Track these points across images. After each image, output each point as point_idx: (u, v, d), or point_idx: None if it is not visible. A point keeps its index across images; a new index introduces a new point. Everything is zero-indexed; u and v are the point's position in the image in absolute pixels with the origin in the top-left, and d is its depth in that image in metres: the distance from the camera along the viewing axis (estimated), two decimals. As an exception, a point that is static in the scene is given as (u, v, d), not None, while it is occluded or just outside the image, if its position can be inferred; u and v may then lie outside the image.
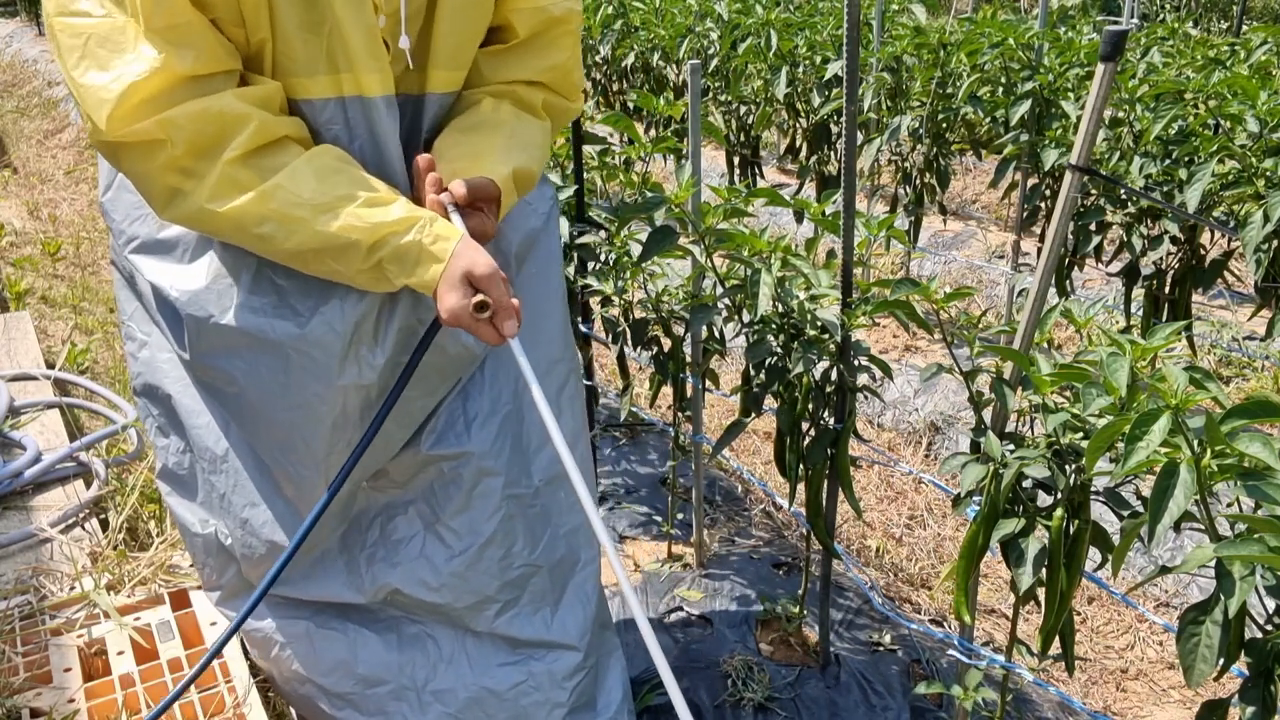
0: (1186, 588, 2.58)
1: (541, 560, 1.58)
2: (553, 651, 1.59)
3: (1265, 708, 1.10)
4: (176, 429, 1.55)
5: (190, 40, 1.14)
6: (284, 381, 1.36)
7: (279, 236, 1.19)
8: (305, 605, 1.61)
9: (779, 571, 2.41)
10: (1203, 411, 1.10)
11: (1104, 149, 2.88)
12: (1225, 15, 8.85)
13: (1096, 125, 1.35)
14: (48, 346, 3.64)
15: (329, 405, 1.37)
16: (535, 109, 1.46)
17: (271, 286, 1.35)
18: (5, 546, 2.11)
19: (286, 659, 1.62)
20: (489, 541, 1.52)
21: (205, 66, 1.16)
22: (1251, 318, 3.00)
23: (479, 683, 1.56)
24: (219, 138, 1.16)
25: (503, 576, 1.54)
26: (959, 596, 1.55)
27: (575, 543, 1.64)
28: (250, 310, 1.34)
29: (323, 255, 1.21)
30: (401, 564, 1.53)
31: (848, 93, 1.58)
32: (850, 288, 1.72)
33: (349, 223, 1.19)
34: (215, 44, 1.18)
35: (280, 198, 1.18)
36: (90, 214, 6.10)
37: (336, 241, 1.19)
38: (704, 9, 4.61)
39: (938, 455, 3.28)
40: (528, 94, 1.44)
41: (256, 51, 1.23)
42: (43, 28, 14.59)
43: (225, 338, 1.36)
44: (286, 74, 1.25)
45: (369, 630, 1.59)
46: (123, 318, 1.57)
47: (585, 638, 1.61)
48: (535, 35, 1.42)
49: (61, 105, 9.17)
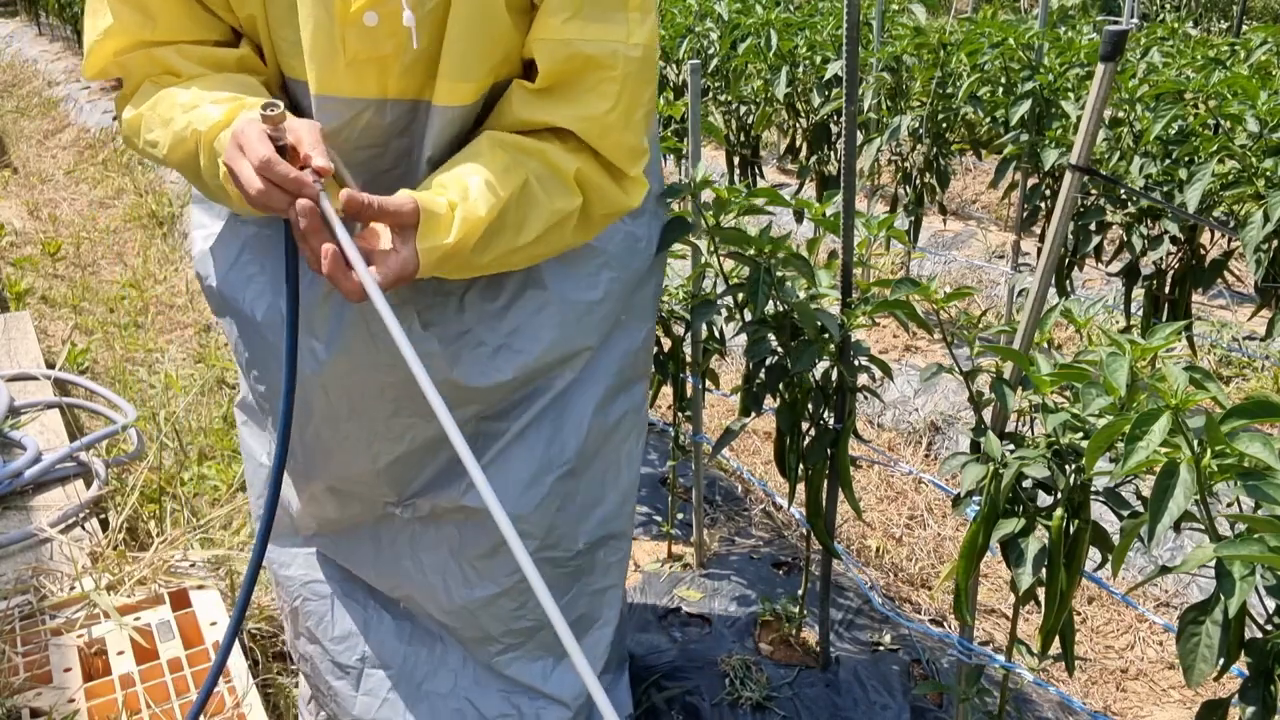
0: (1186, 588, 2.58)
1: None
2: (544, 699, 1.57)
3: (1265, 708, 1.10)
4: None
5: (153, 8, 1.19)
6: (252, 356, 1.42)
7: (158, 144, 1.20)
8: (338, 570, 1.62)
9: (779, 571, 2.41)
10: (1203, 411, 1.10)
11: (1104, 149, 2.88)
12: (1225, 15, 8.85)
13: (1096, 125, 1.35)
14: (48, 346, 3.64)
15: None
16: (563, 175, 1.20)
17: (248, 264, 1.38)
18: (5, 546, 2.11)
19: (305, 614, 1.63)
20: (505, 592, 1.49)
21: (165, 35, 1.21)
22: (1251, 318, 3.00)
23: (469, 696, 1.56)
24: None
25: (511, 624, 1.52)
26: (959, 596, 1.55)
27: (599, 602, 1.60)
28: (228, 283, 1.40)
29: (188, 164, 1.17)
30: (420, 578, 1.52)
31: (848, 93, 1.58)
32: (850, 288, 1.72)
33: (190, 118, 1.15)
34: (182, 15, 1.20)
35: (162, 103, 1.19)
36: (90, 214, 6.10)
37: (183, 144, 1.16)
38: (704, 9, 4.61)
39: (938, 455, 3.28)
40: (560, 156, 1.20)
41: (249, 29, 1.24)
42: (43, 27, 14.59)
43: (214, 301, 1.45)
44: (281, 53, 1.24)
45: (387, 613, 1.60)
46: None
47: (580, 699, 1.58)
48: (562, 78, 1.19)
49: (61, 105, 9.17)
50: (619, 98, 1.18)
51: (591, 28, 1.15)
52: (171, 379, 3.55)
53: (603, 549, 1.56)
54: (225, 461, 2.93)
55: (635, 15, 1.18)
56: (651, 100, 1.25)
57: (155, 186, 6.45)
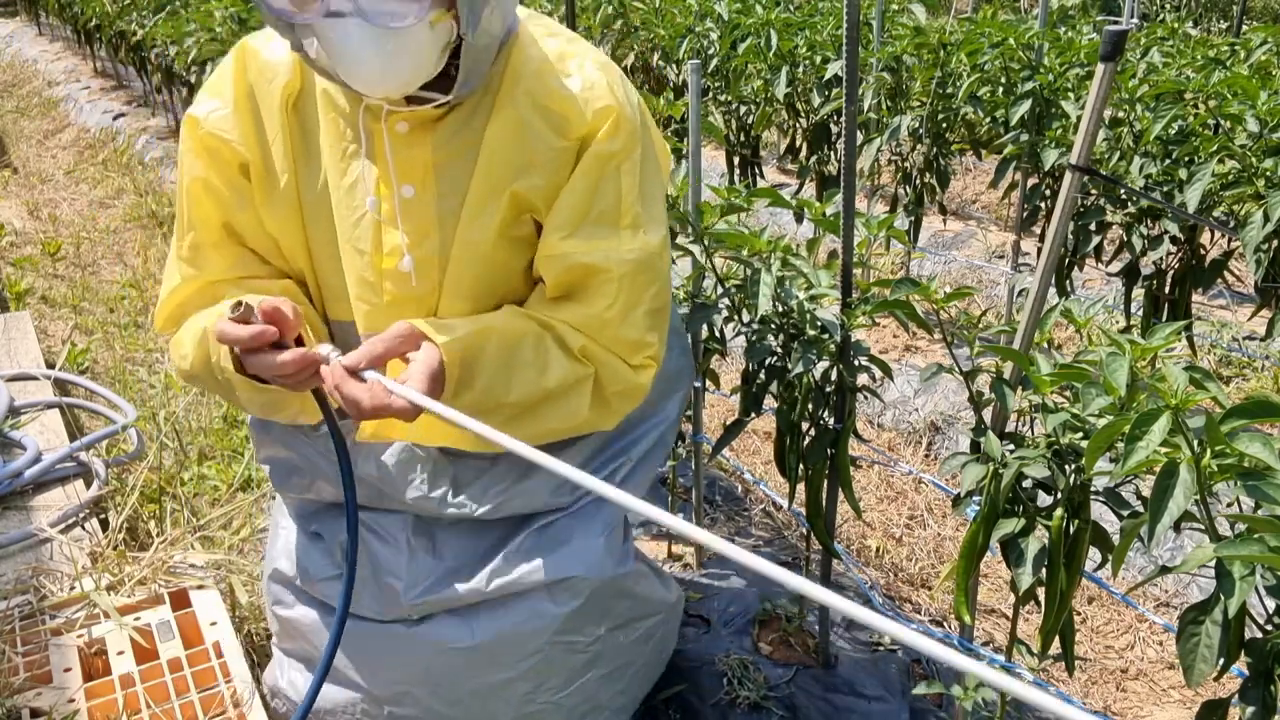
0: (1186, 588, 2.58)
1: (567, 701, 1.53)
2: None
3: (1265, 708, 1.10)
4: None
5: (213, 259, 1.35)
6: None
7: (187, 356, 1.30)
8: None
9: (779, 571, 2.41)
10: (1203, 411, 1.10)
11: (1104, 149, 2.88)
12: (1225, 15, 8.85)
13: (1096, 125, 1.35)
14: (48, 346, 3.64)
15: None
16: (569, 346, 1.30)
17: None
18: (5, 546, 2.11)
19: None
20: (521, 677, 1.48)
21: (220, 276, 1.36)
22: (1251, 318, 3.00)
23: None
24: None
25: (520, 710, 1.51)
26: (959, 596, 1.55)
27: (612, 689, 1.59)
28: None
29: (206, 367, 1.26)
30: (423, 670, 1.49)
31: (848, 93, 1.58)
32: (850, 288, 1.72)
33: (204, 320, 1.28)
34: (236, 262, 1.36)
35: (186, 327, 1.33)
36: (90, 214, 6.10)
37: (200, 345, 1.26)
38: (704, 9, 4.61)
39: (938, 455, 3.28)
40: (568, 331, 1.31)
41: (298, 279, 1.40)
42: (43, 27, 14.57)
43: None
44: (326, 300, 1.40)
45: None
46: None
47: None
48: (569, 287, 1.32)
49: (61, 105, 9.17)
50: (616, 296, 1.30)
51: (587, 243, 1.28)
52: (171, 379, 3.55)
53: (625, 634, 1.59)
54: (225, 461, 2.93)
55: (627, 232, 1.30)
56: (657, 298, 1.35)
57: (155, 186, 6.45)
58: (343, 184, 1.29)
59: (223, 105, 1.29)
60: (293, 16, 1.11)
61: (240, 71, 1.30)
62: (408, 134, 1.27)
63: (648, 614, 1.62)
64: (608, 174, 1.29)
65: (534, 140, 1.28)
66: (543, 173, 1.28)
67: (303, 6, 1.10)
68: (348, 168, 1.29)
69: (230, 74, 1.30)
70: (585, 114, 1.28)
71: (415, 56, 1.14)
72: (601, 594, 1.50)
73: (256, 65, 1.30)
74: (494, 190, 1.28)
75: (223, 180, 1.30)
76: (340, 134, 1.29)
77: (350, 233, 1.30)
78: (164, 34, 5.68)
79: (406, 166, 1.28)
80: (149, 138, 7.47)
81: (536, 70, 1.29)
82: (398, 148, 1.27)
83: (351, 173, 1.29)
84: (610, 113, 1.29)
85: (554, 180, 1.29)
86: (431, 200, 1.29)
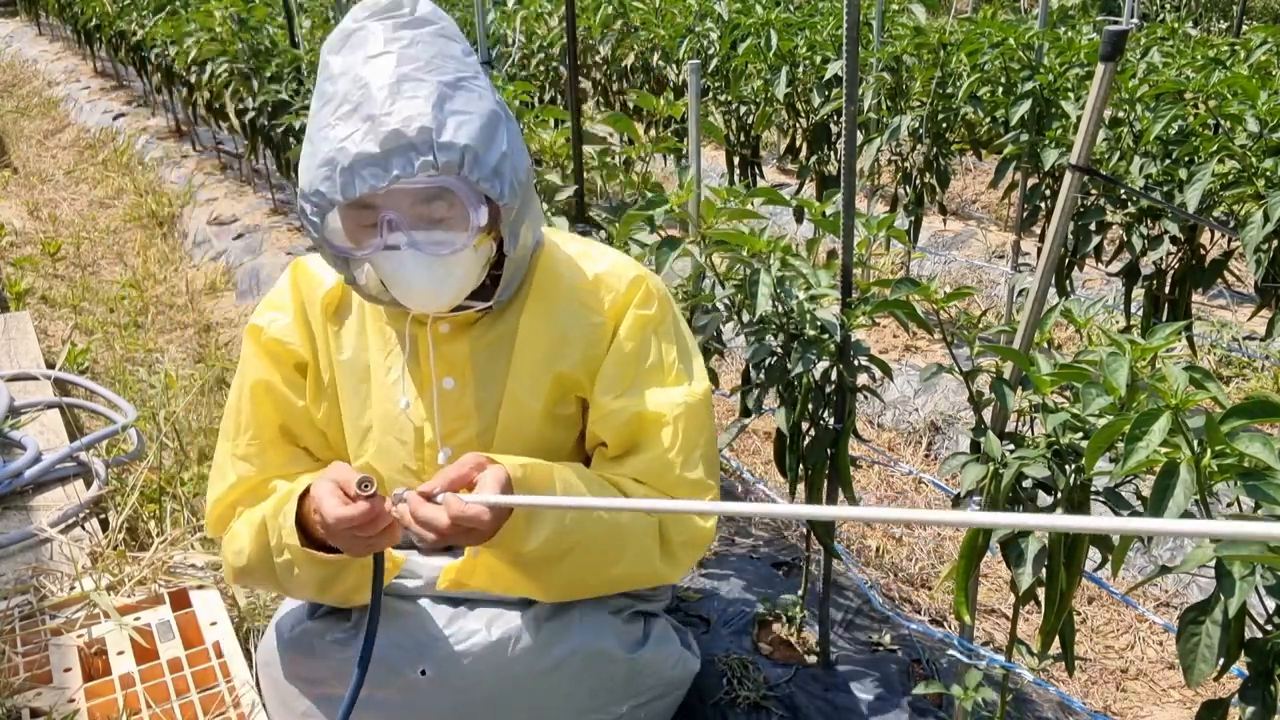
0: (1186, 588, 2.58)
1: None
2: None
3: (1265, 708, 1.10)
4: None
5: (269, 457, 1.43)
6: None
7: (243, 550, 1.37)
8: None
9: (779, 571, 2.41)
10: (1203, 411, 1.10)
11: (1104, 149, 2.88)
12: (1225, 15, 8.85)
13: (1096, 125, 1.35)
14: (48, 346, 3.64)
15: None
16: (626, 492, 1.38)
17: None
18: (5, 546, 2.11)
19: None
20: None
21: (275, 473, 1.43)
22: (1251, 318, 3.00)
23: None
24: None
25: None
26: (959, 596, 1.55)
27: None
28: None
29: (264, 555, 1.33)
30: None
31: (848, 93, 1.58)
32: (850, 288, 1.72)
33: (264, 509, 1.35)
34: (290, 460, 1.44)
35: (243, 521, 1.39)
36: (90, 214, 6.10)
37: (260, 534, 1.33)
38: (704, 9, 4.61)
39: (938, 455, 3.28)
40: (632, 486, 1.38)
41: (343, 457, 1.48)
42: (43, 27, 14.57)
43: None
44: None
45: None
46: None
47: None
48: (629, 439, 1.39)
49: (61, 105, 9.17)
50: (675, 439, 1.37)
51: (640, 396, 1.38)
52: (171, 379, 3.55)
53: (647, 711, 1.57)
54: (225, 461, 2.93)
55: (673, 384, 1.41)
56: (710, 444, 1.42)
57: (155, 186, 6.46)
58: (386, 380, 1.41)
59: (283, 315, 1.44)
60: (352, 253, 1.24)
61: (295, 287, 1.45)
62: (448, 333, 1.40)
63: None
64: (648, 336, 1.41)
65: (568, 321, 1.39)
66: (580, 349, 1.40)
67: (360, 243, 1.23)
68: (391, 365, 1.41)
69: (287, 288, 1.45)
70: (618, 287, 1.41)
71: (463, 276, 1.27)
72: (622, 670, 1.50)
73: (306, 279, 1.45)
74: (534, 374, 1.39)
75: (283, 379, 1.43)
76: (384, 337, 1.42)
77: (393, 425, 1.41)
78: (164, 34, 5.68)
79: (447, 361, 1.39)
80: (149, 138, 7.47)
81: (565, 264, 1.43)
82: (438, 344, 1.39)
83: (394, 370, 1.41)
84: (641, 282, 1.42)
85: (592, 354, 1.40)
86: (470, 390, 1.40)
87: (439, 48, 1.20)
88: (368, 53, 1.18)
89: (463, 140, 1.15)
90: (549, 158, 2.36)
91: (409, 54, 1.18)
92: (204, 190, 6.10)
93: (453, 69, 1.20)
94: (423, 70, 1.17)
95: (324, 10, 6.21)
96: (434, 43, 1.20)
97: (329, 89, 1.19)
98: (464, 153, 1.15)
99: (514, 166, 1.23)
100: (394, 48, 1.18)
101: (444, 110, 1.16)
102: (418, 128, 1.13)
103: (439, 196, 1.20)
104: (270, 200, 5.67)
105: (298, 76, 4.30)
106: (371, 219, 1.21)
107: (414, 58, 1.18)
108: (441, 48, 1.20)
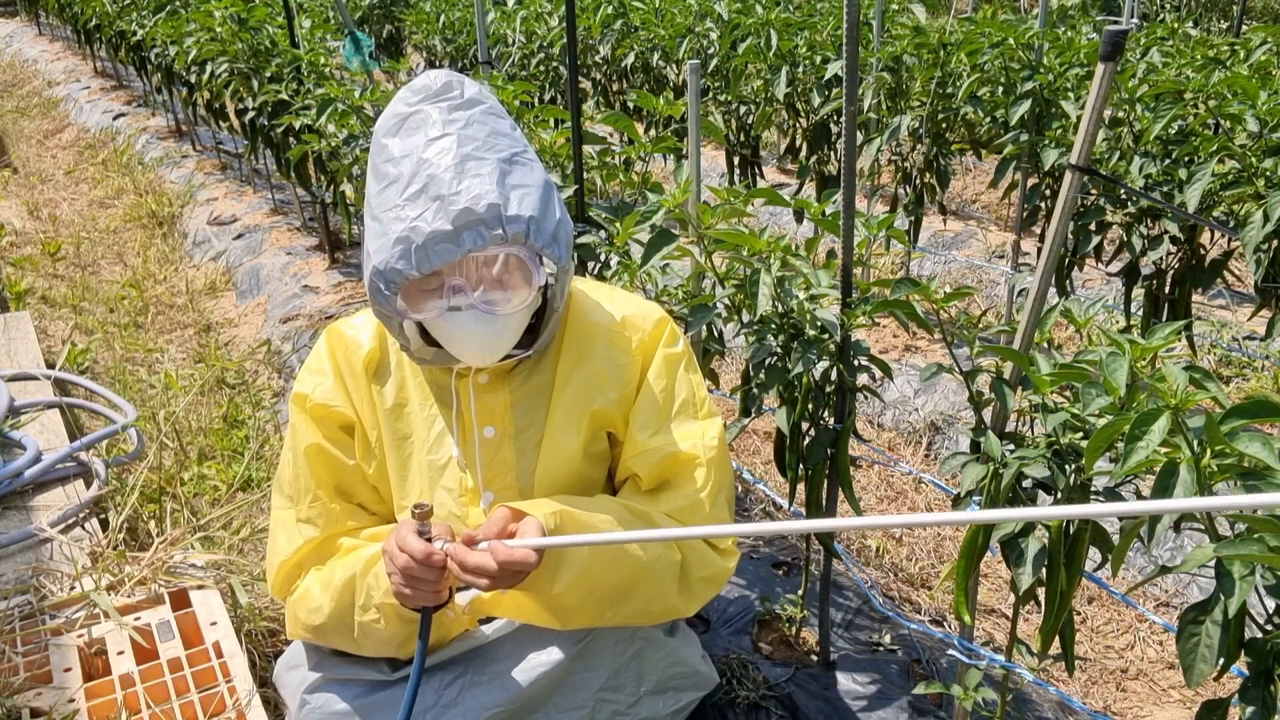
0: (1186, 588, 2.58)
1: None
2: None
3: (1265, 708, 1.10)
4: None
5: (331, 513, 1.48)
6: None
7: (321, 608, 1.42)
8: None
9: (779, 571, 2.41)
10: (1203, 411, 1.10)
11: (1104, 149, 2.88)
12: (1225, 15, 8.85)
13: (1096, 125, 1.35)
14: (48, 346, 3.64)
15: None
16: (655, 523, 1.43)
17: None
18: (5, 546, 2.11)
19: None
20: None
21: (339, 530, 1.49)
22: (1251, 318, 3.00)
23: None
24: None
25: None
26: (959, 596, 1.55)
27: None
28: None
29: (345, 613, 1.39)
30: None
31: (848, 93, 1.58)
32: (850, 288, 1.72)
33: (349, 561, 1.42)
34: (350, 516, 1.50)
35: (322, 572, 1.46)
36: (90, 214, 6.10)
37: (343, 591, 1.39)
38: (704, 9, 4.61)
39: (938, 455, 3.28)
40: (660, 518, 1.44)
41: (391, 517, 1.53)
42: (43, 27, 14.60)
43: None
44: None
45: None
46: None
47: None
48: (663, 476, 1.47)
49: (61, 105, 9.17)
50: (707, 480, 1.45)
51: (674, 436, 1.46)
52: (171, 379, 3.55)
53: (663, 699, 1.60)
54: (225, 461, 2.93)
55: (705, 421, 1.49)
56: (730, 484, 1.51)
57: (155, 186, 6.45)
58: (430, 434, 1.47)
59: (324, 379, 1.51)
60: (413, 316, 1.31)
61: (332, 352, 1.52)
62: (487, 383, 1.46)
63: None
64: (678, 373, 1.50)
65: (601, 363, 1.48)
66: (613, 388, 1.47)
67: (420, 308, 1.30)
68: (434, 418, 1.47)
69: (325, 354, 1.52)
70: (645, 327, 1.49)
71: (516, 330, 1.36)
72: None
73: (342, 345, 1.51)
74: (572, 415, 1.46)
75: (333, 440, 1.49)
76: (424, 392, 1.48)
77: (438, 476, 1.47)
78: (164, 34, 5.68)
79: (487, 410, 1.46)
80: (149, 137, 7.47)
81: (594, 309, 1.51)
82: (479, 394, 1.45)
83: (437, 423, 1.47)
84: (665, 322, 1.51)
85: (624, 393, 1.48)
86: (510, 436, 1.47)
87: (492, 125, 1.29)
88: (428, 135, 1.26)
89: (527, 212, 1.26)
90: (549, 157, 2.36)
91: (467, 134, 1.26)
92: (204, 190, 6.10)
93: (506, 146, 1.29)
94: (482, 149, 1.26)
95: (324, 10, 6.21)
96: (486, 121, 1.29)
97: (391, 171, 1.27)
98: (529, 224, 1.26)
99: (566, 230, 1.34)
100: (453, 129, 1.26)
101: (506, 185, 1.25)
102: (486, 205, 1.23)
103: (501, 261, 1.29)
104: (270, 200, 5.67)
105: (297, 76, 4.30)
106: (432, 284, 1.29)
107: (472, 138, 1.26)
108: (494, 125, 1.30)
